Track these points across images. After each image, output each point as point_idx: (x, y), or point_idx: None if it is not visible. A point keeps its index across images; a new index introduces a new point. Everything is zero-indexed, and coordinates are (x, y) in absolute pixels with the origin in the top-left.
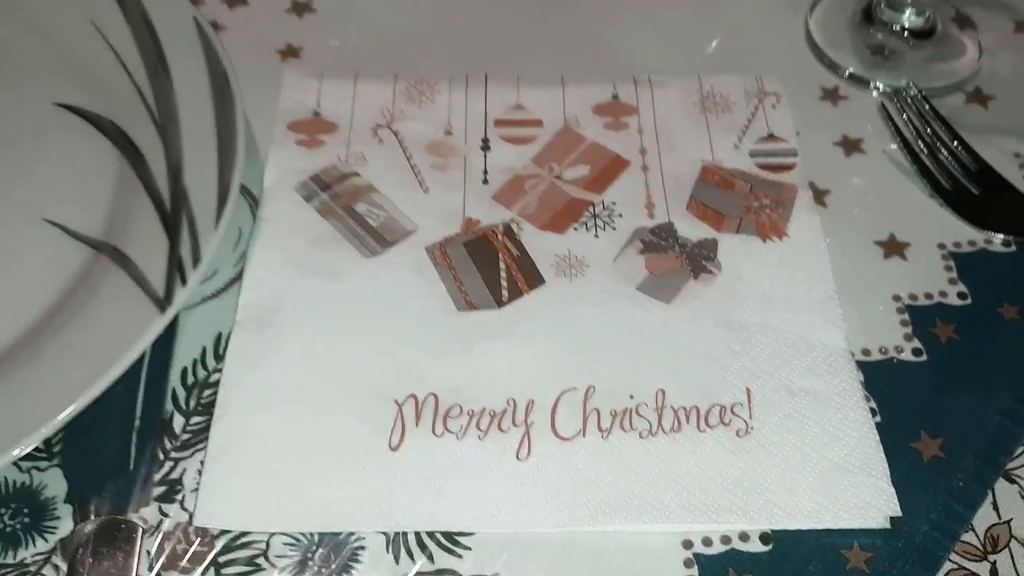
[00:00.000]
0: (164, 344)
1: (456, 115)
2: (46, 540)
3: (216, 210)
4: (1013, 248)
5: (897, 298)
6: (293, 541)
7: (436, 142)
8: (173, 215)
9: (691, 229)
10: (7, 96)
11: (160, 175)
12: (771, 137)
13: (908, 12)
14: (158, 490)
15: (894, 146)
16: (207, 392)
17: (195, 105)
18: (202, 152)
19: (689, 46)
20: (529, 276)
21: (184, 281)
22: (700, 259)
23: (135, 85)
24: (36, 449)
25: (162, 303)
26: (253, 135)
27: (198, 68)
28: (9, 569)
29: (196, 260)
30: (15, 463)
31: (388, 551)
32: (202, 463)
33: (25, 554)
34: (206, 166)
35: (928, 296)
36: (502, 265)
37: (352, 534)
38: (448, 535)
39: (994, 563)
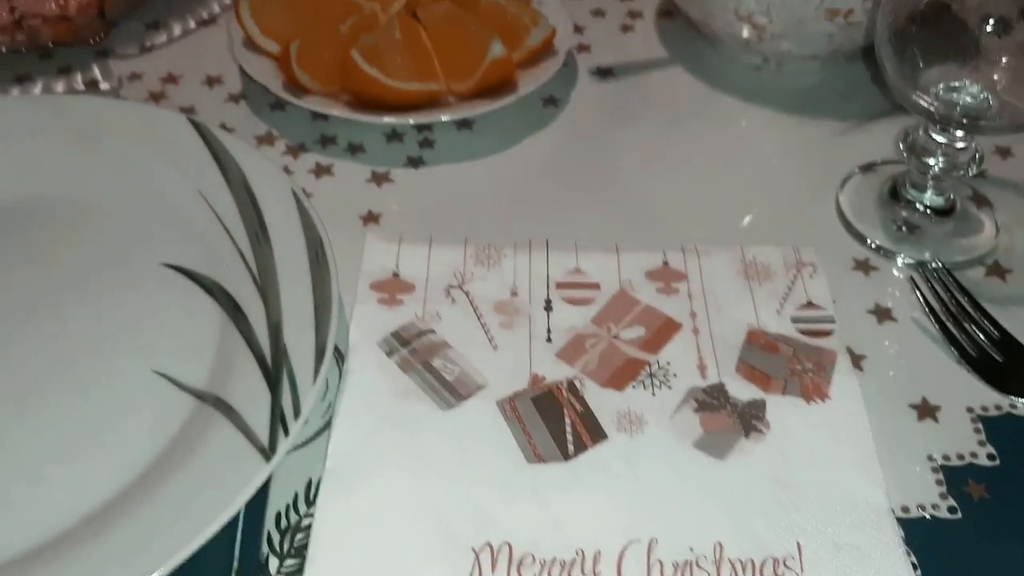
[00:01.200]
0: (260, 490)
1: (521, 277)
2: None
3: (314, 366)
4: None
5: (931, 458)
6: None
7: (503, 302)
8: (274, 370)
9: (741, 389)
10: (120, 256)
11: (261, 333)
12: (810, 304)
13: (929, 192)
14: None
15: (922, 314)
16: (299, 535)
17: (293, 268)
18: (300, 312)
19: (731, 217)
20: (592, 431)
21: (287, 432)
22: (750, 418)
23: (238, 249)
24: None
25: (267, 452)
26: (340, 294)
27: (295, 234)
28: None
29: (296, 412)
30: None
31: None
32: None
33: None
34: (304, 325)
35: (960, 457)
36: (567, 420)
37: None
38: None
39: None
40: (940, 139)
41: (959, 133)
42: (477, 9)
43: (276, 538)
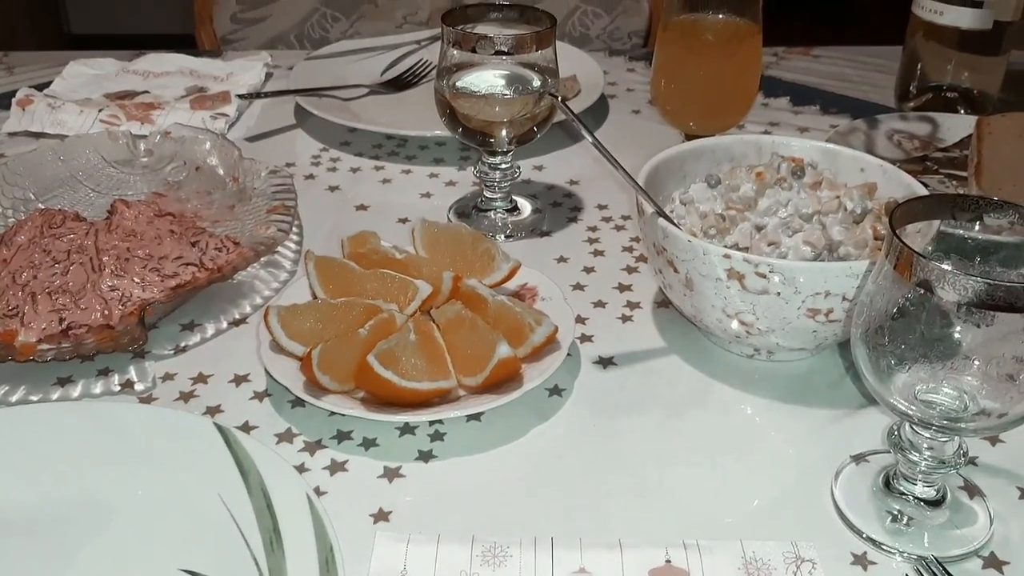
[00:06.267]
0: None
1: None
2: None
3: None
4: None
5: None
6: None
7: None
8: None
9: None
10: (140, 559)
11: None
12: None
13: (920, 484)
14: None
15: None
16: None
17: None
18: None
19: (729, 507)
20: None
21: None
22: None
23: (252, 555)
24: None
25: None
26: None
27: (307, 540)
28: None
29: None
30: None
31: None
32: None
33: None
34: None
35: None
36: None
37: None
38: None
39: None
40: (924, 434)
41: (940, 434)
42: (485, 311)
43: None
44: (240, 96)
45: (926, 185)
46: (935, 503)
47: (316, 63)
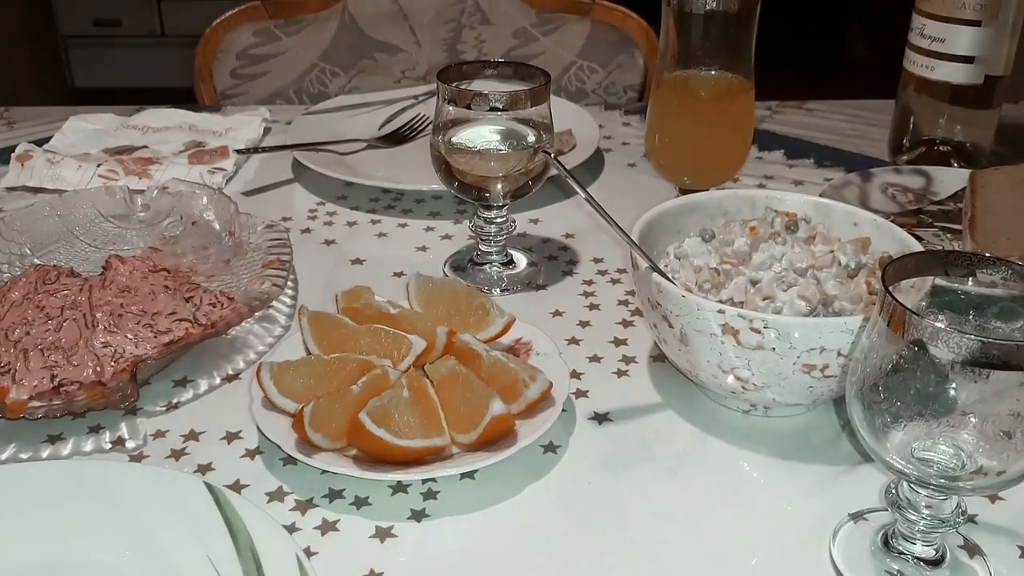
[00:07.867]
0: None
1: None
2: None
3: None
4: None
5: None
6: None
7: None
8: None
9: None
10: None
11: None
12: None
13: (919, 544)
14: None
15: None
16: None
17: None
18: None
19: (727, 567)
20: None
21: None
22: None
23: None
24: None
25: None
26: None
27: None
28: None
29: None
30: None
31: None
32: None
33: None
34: None
35: None
36: None
37: None
38: None
39: None
40: (922, 492)
41: (938, 492)
42: (480, 366)
43: None
44: (238, 151)
45: (920, 239)
46: (935, 563)
47: (314, 118)
